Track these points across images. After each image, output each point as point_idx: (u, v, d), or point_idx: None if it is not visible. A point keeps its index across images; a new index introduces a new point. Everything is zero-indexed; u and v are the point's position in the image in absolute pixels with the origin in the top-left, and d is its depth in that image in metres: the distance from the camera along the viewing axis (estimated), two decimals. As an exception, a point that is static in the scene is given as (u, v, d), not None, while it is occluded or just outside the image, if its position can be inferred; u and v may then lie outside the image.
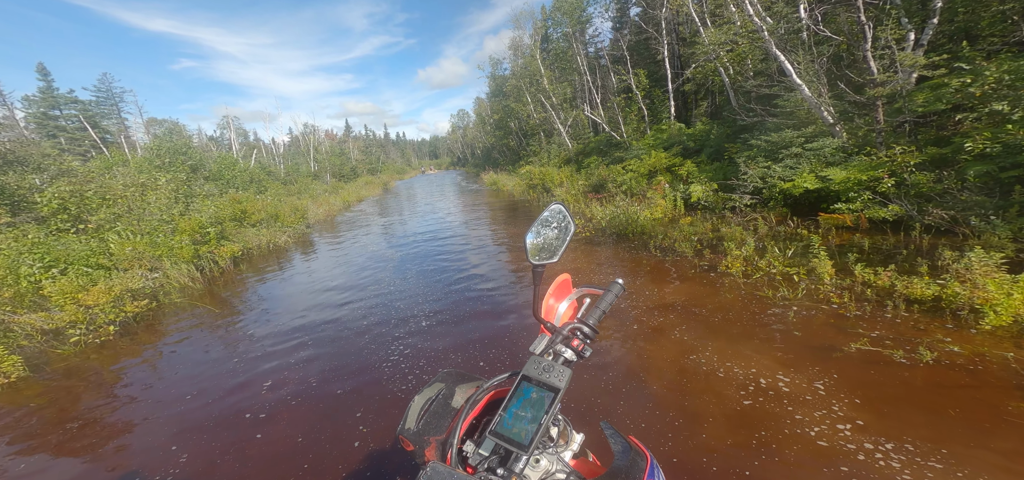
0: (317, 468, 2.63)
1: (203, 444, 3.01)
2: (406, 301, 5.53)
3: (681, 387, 3.02)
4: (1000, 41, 6.41)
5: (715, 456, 2.36)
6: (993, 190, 4.92)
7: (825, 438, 2.38)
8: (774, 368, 3.07)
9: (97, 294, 5.41)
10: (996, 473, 2.04)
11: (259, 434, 3.05)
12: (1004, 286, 3.27)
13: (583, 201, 10.83)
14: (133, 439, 3.18)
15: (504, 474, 0.70)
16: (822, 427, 2.46)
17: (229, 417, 3.30)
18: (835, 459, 2.24)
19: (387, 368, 3.80)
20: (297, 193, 21.24)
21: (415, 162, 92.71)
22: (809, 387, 2.82)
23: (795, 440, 2.40)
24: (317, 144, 37.98)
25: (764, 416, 2.61)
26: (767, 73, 10.97)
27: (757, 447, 2.38)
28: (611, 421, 2.47)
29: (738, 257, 5.09)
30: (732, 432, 2.52)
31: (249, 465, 2.74)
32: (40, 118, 28.32)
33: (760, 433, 2.48)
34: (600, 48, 24.07)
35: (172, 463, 2.84)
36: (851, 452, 2.26)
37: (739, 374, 3.06)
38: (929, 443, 2.25)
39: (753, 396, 2.80)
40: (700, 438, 2.50)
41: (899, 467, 2.14)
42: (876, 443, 2.29)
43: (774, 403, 2.71)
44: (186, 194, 11.57)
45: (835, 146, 7.11)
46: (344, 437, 2.89)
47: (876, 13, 6.87)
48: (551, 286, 1.07)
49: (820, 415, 2.56)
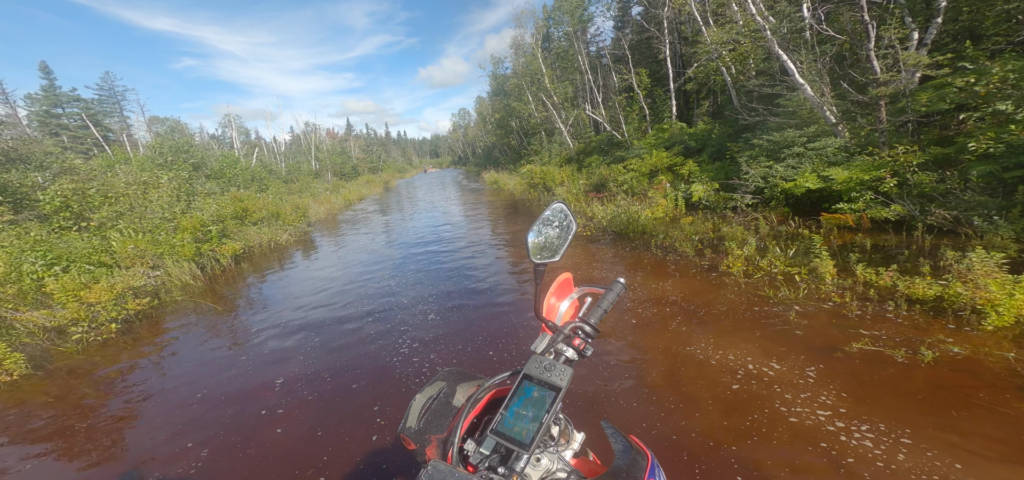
0: (335, 461, 2.65)
1: (219, 440, 3.01)
2: (410, 299, 5.53)
3: (678, 383, 3.01)
4: (1004, 40, 6.37)
5: (711, 449, 2.36)
6: (996, 190, 4.90)
7: (827, 441, 2.38)
8: (773, 367, 3.07)
9: (99, 292, 5.43)
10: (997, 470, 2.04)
11: (278, 429, 3.06)
12: (1006, 286, 3.25)
13: (584, 200, 10.82)
14: (147, 437, 3.18)
15: (505, 473, 0.69)
16: (823, 429, 2.46)
17: (243, 413, 3.30)
18: (837, 459, 2.23)
19: (397, 362, 3.82)
20: (298, 192, 21.26)
21: (416, 161, 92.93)
22: (802, 379, 2.81)
23: (796, 439, 2.39)
24: (318, 143, 38.01)
25: (764, 417, 2.61)
26: (769, 72, 10.94)
27: (755, 446, 2.38)
28: (611, 420, 2.47)
29: (739, 257, 5.08)
30: (731, 432, 2.51)
31: (270, 458, 2.76)
32: (42, 116, 28.42)
33: (760, 433, 2.47)
34: (602, 47, 24.05)
35: (195, 457, 2.85)
36: (854, 451, 2.26)
37: (738, 374, 3.05)
38: (931, 442, 2.25)
39: (753, 397, 2.80)
40: (698, 434, 2.50)
41: (910, 465, 2.13)
42: (887, 441, 2.29)
43: (774, 404, 2.71)
44: (188, 192, 11.58)
45: (837, 146, 7.08)
46: (359, 433, 2.90)
47: (880, 12, 6.84)
48: (553, 285, 1.07)
49: (821, 414, 2.55)
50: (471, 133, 62.34)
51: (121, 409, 3.58)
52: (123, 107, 35.88)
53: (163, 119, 38.75)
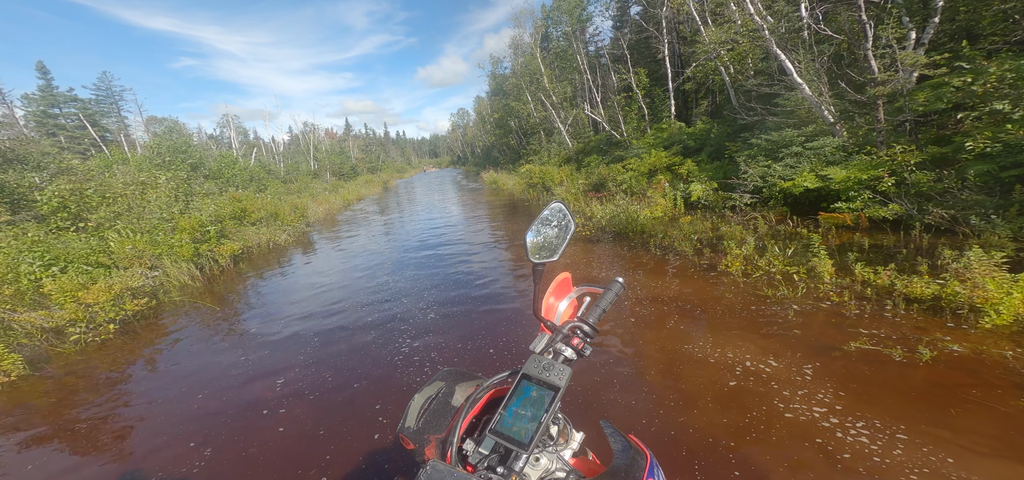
0: (337, 460, 2.65)
1: (222, 440, 2.99)
2: (409, 298, 5.52)
3: (676, 380, 3.02)
4: (1001, 40, 6.39)
5: (710, 445, 2.36)
6: (993, 189, 4.92)
7: (824, 437, 2.38)
8: (771, 365, 3.07)
9: (97, 292, 5.41)
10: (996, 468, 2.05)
11: (281, 428, 3.05)
12: (1004, 285, 3.27)
13: (583, 200, 10.82)
14: (148, 437, 3.16)
15: (504, 472, 0.69)
16: (819, 425, 2.46)
17: (245, 413, 3.29)
18: (833, 455, 2.24)
19: (398, 361, 3.82)
20: (297, 192, 21.22)
21: (415, 161, 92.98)
22: (800, 377, 2.82)
23: (793, 436, 2.40)
24: (317, 143, 37.96)
25: (761, 414, 2.61)
26: (768, 72, 10.96)
27: (753, 442, 2.38)
28: (610, 418, 2.47)
29: (738, 256, 5.09)
30: (729, 428, 2.52)
31: (272, 457, 2.75)
32: (40, 116, 28.30)
33: (758, 430, 2.48)
34: (600, 47, 24.04)
35: (197, 457, 2.84)
36: (850, 447, 2.27)
37: (736, 371, 3.06)
38: (926, 438, 2.25)
39: (750, 394, 2.80)
40: (696, 430, 2.50)
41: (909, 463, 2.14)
42: (883, 438, 2.30)
43: (772, 401, 2.71)
44: (186, 192, 11.55)
45: (835, 145, 7.10)
46: (360, 433, 2.90)
47: (877, 12, 6.85)
48: (551, 284, 1.07)
49: (818, 411, 2.56)
50: (470, 133, 62.34)
51: (121, 410, 3.56)
52: (121, 107, 35.76)
53: (161, 119, 38.63)
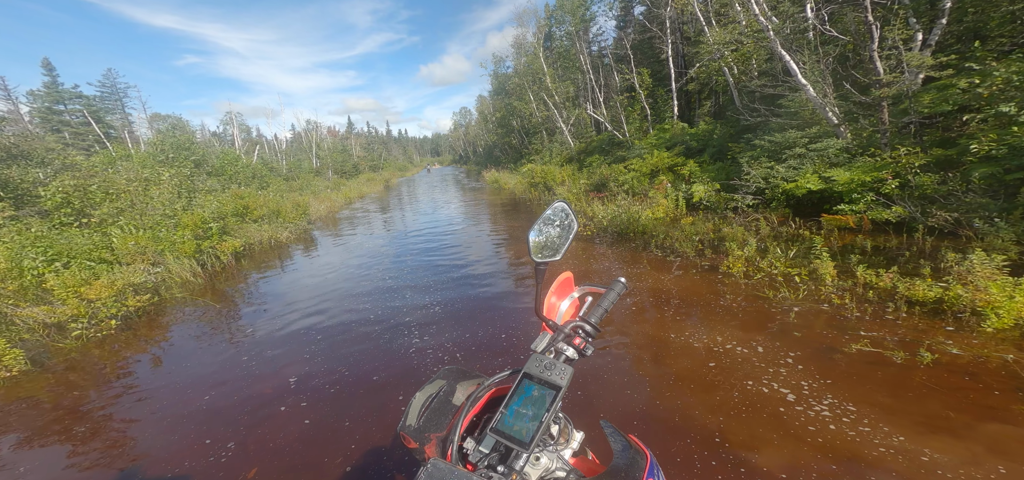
0: (337, 460, 2.65)
1: (238, 434, 2.99)
2: (411, 295, 5.53)
3: (676, 378, 3.01)
4: (1009, 42, 6.35)
5: (710, 444, 2.36)
6: (998, 192, 4.89)
7: (824, 437, 2.38)
8: (772, 365, 3.06)
9: (99, 288, 5.43)
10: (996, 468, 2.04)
11: (281, 429, 3.04)
12: (1006, 289, 3.25)
13: (585, 200, 10.81)
14: (161, 434, 3.16)
15: (504, 471, 0.69)
16: (819, 426, 2.46)
17: (257, 409, 3.29)
18: (832, 454, 2.23)
19: (398, 360, 3.82)
20: (299, 189, 21.24)
21: (417, 159, 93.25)
22: (801, 379, 2.81)
23: (793, 437, 2.39)
24: (319, 141, 38.02)
25: (761, 414, 2.61)
26: (772, 73, 10.92)
27: (752, 441, 2.38)
28: (610, 417, 2.47)
29: (740, 257, 5.08)
30: (728, 427, 2.51)
31: (293, 449, 2.76)
32: (44, 113, 28.43)
33: (757, 428, 2.47)
34: (603, 47, 24.02)
35: (222, 451, 2.82)
36: (848, 447, 2.26)
37: (738, 371, 3.05)
38: (926, 441, 2.25)
39: (751, 395, 2.80)
40: (695, 428, 2.50)
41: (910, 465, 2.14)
42: (879, 437, 2.29)
43: (772, 402, 2.71)
44: (189, 189, 11.58)
45: (839, 147, 7.07)
46: (358, 432, 2.90)
47: (884, 13, 6.82)
48: (553, 284, 1.07)
49: (818, 413, 2.55)
50: (472, 132, 62.29)
51: (125, 405, 3.57)
52: (125, 104, 35.91)
53: (165, 116, 38.72)
